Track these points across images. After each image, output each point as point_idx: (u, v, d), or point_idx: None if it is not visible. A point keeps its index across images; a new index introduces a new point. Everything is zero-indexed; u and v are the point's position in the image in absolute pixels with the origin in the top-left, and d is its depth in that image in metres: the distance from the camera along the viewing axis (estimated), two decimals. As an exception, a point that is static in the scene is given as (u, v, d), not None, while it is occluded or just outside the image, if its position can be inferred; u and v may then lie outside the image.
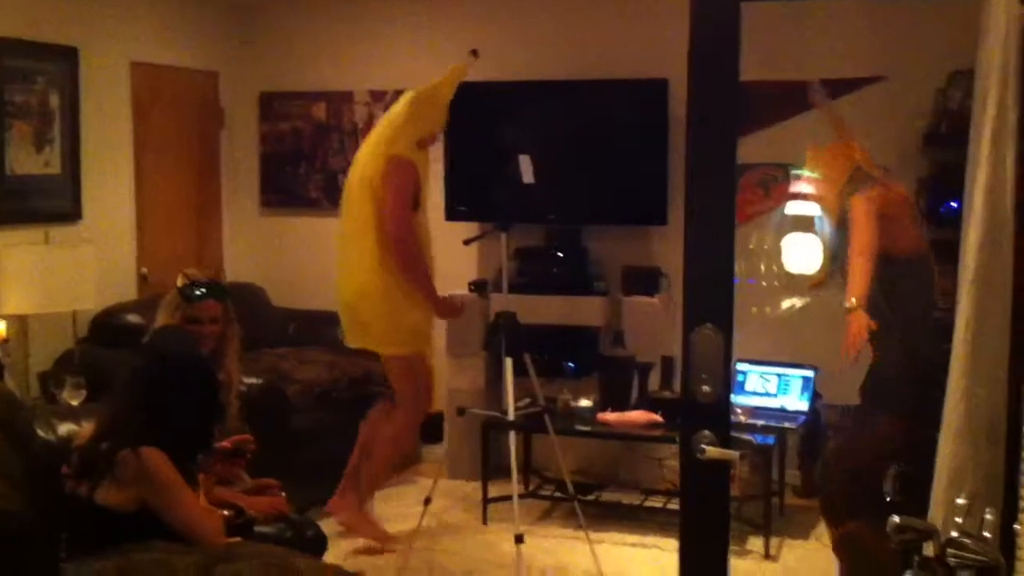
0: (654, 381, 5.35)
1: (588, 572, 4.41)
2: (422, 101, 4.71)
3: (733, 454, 2.46)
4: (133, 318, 5.26)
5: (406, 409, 4.78)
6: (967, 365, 2.59)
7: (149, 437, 2.98)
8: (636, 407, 5.14)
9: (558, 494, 5.21)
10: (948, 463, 2.62)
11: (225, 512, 3.24)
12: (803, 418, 5.07)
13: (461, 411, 4.33)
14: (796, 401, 5.11)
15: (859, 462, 4.16)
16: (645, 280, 5.71)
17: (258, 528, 3.29)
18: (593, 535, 4.46)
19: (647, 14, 5.83)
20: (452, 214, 5.87)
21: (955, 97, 4.96)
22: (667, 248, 5.89)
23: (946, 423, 2.82)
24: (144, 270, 5.79)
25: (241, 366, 3.94)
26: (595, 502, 5.19)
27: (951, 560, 1.78)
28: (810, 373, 5.15)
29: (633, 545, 4.84)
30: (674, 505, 5.15)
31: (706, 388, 2.44)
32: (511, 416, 4.21)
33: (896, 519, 1.83)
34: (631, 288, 5.71)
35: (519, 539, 4.05)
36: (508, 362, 4.26)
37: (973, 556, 1.75)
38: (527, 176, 4.30)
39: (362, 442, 4.93)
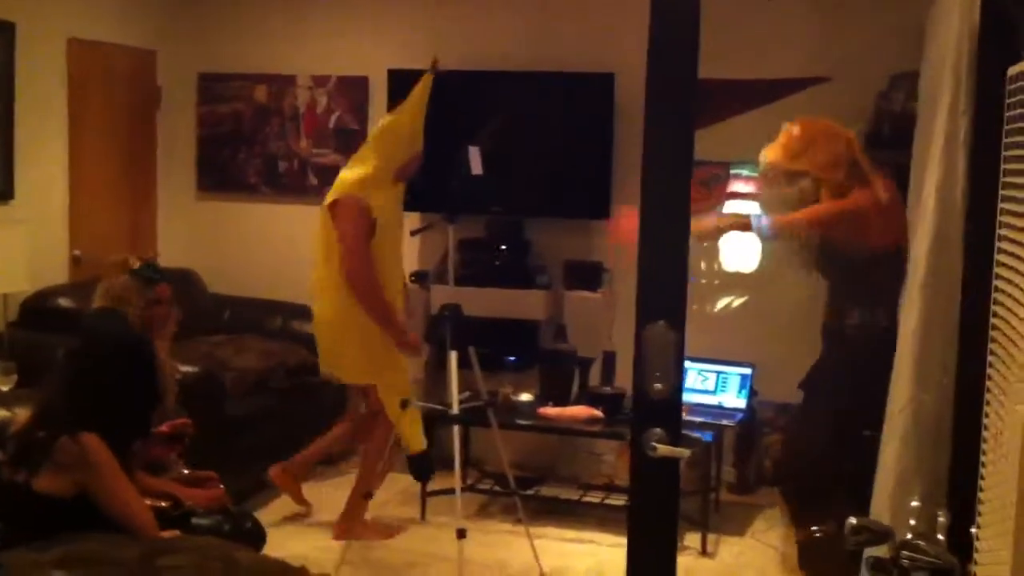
0: (595, 376, 5.36)
1: (528, 567, 4.40)
2: (387, 134, 4.61)
3: (684, 452, 2.45)
4: (65, 301, 5.13)
5: (385, 420, 4.65)
6: (914, 370, 2.63)
7: (87, 422, 2.90)
8: (577, 402, 5.14)
9: (497, 488, 5.18)
10: (894, 466, 2.66)
11: (163, 503, 3.17)
12: (740, 415, 5.11)
13: (404, 403, 4.27)
14: (734, 398, 5.15)
15: (813, 458, 4.21)
16: (587, 274, 5.71)
17: (195, 520, 3.23)
18: (532, 530, 4.44)
19: (595, 7, 5.82)
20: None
21: (897, 99, 5.01)
22: (606, 242, 5.90)
23: (890, 427, 2.86)
24: (77, 252, 5.64)
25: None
26: (534, 497, 5.19)
27: (905, 562, 1.79)
28: (748, 370, 5.19)
29: (572, 540, 4.84)
30: (612, 500, 5.17)
31: (658, 385, 2.43)
32: (455, 410, 4.17)
33: (853, 520, 1.83)
34: (573, 282, 5.70)
35: (461, 534, 4.01)
36: (453, 355, 4.22)
37: (927, 558, 1.76)
38: (476, 168, 4.26)
39: (333, 436, 4.99)
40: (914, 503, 1.87)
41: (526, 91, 5.79)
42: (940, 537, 1.81)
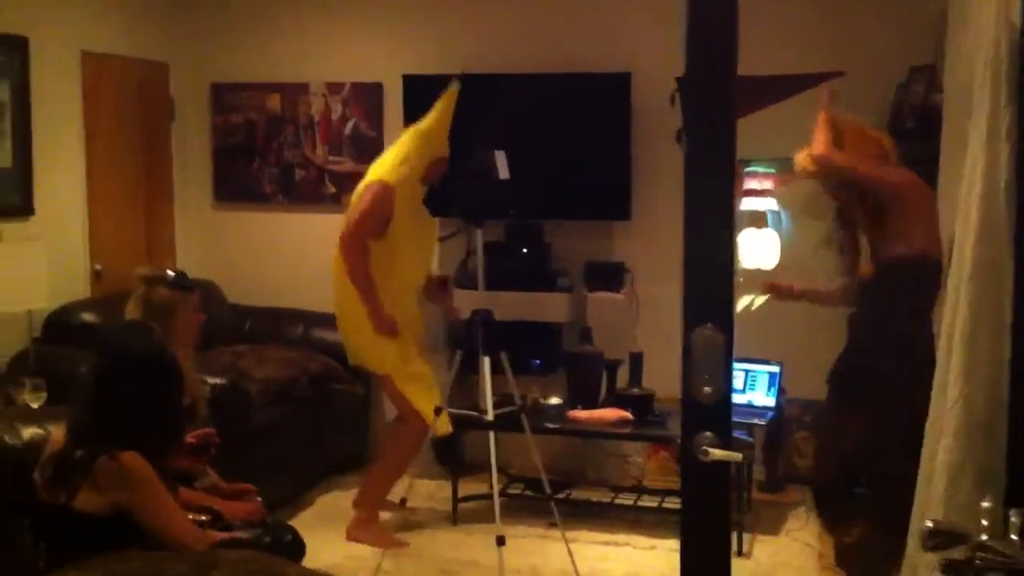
0: (621, 378, 5.33)
1: (562, 571, 4.38)
2: (423, 136, 4.71)
3: (736, 455, 2.43)
4: (89, 316, 5.13)
5: (407, 423, 4.72)
6: (964, 365, 2.59)
7: (123, 439, 2.88)
8: (605, 404, 5.11)
9: (528, 493, 5.15)
10: (946, 461, 2.63)
11: (203, 517, 3.15)
12: (770, 413, 5.08)
13: (439, 410, 4.26)
14: (763, 396, 5.13)
15: (846, 456, 4.19)
16: (608, 276, 5.69)
17: (236, 534, 3.21)
18: (565, 534, 4.42)
19: (611, 7, 5.80)
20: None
21: (917, 91, 4.99)
22: (630, 243, 5.88)
23: (936, 422, 2.83)
24: (98, 266, 5.63)
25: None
26: (564, 500, 5.16)
27: (979, 563, 1.76)
28: (776, 368, 5.17)
29: (605, 544, 4.81)
30: (644, 502, 5.15)
31: (707, 389, 2.40)
32: (490, 416, 4.15)
33: (930, 523, 1.80)
34: (595, 284, 5.68)
35: (501, 541, 3.99)
36: (486, 361, 4.20)
37: (1003, 560, 1.74)
38: (503, 172, 4.24)
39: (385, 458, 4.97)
40: (985, 504, 1.84)
41: (542, 93, 5.76)
42: (1014, 538, 1.78)
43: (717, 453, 2.38)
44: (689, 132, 2.44)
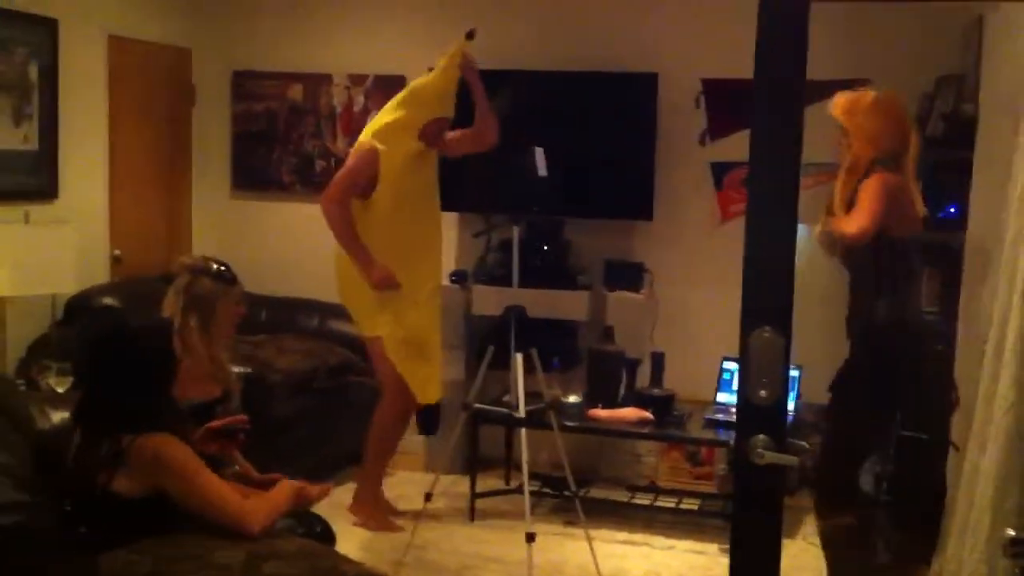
0: (641, 377, 5.33)
1: (583, 569, 4.38)
2: (417, 91, 4.72)
3: (792, 459, 2.43)
4: (110, 300, 5.12)
5: (389, 394, 4.73)
6: (1017, 375, 2.61)
7: (147, 421, 2.85)
8: (625, 403, 5.11)
9: (547, 490, 5.15)
10: (993, 469, 2.65)
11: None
12: (789, 416, 5.07)
13: (467, 407, 4.26)
14: (782, 400, 5.11)
15: (840, 459, 4.19)
16: (629, 275, 5.69)
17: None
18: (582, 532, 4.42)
19: (639, 6, 5.80)
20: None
21: (947, 101, 5.00)
22: (650, 243, 5.88)
23: (980, 431, 2.85)
24: (117, 252, 5.61)
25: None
26: (583, 498, 5.15)
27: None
28: (795, 372, 5.17)
29: (623, 543, 4.82)
30: (661, 502, 5.16)
31: (763, 392, 2.41)
32: (522, 413, 4.15)
33: (1011, 532, 1.81)
34: (614, 283, 5.68)
35: (530, 538, 4.00)
36: (518, 358, 4.20)
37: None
38: (542, 169, 4.24)
39: (375, 434, 4.93)
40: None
41: (568, 91, 5.76)
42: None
43: (772, 456, 2.39)
44: (754, 136, 2.44)
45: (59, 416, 3.46)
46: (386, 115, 4.75)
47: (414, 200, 4.74)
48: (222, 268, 3.55)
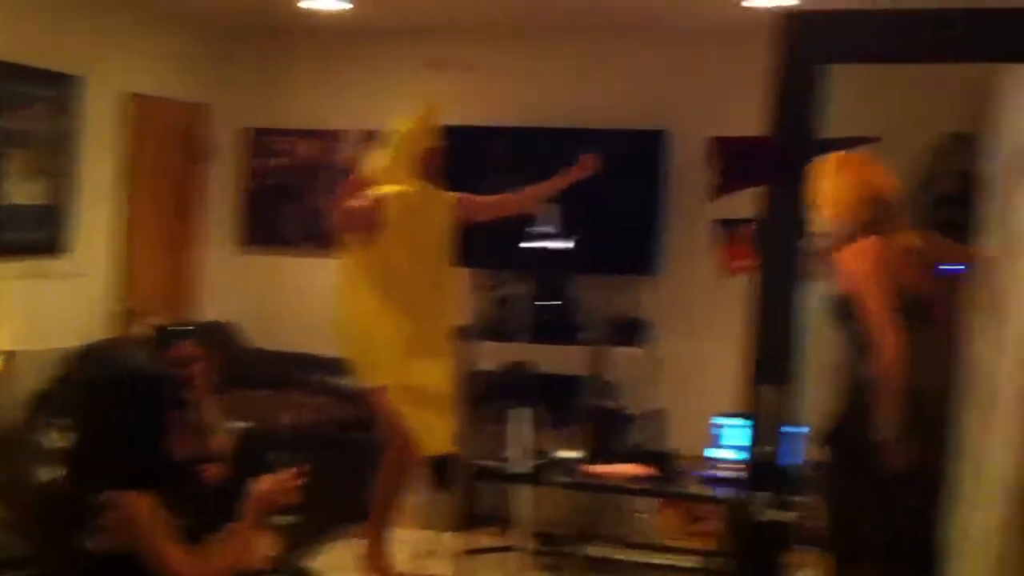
0: (642, 433, 5.32)
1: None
2: (398, 134, 4.72)
3: (792, 515, 2.46)
4: (117, 354, 5.12)
5: (391, 448, 4.66)
6: (1019, 439, 2.61)
7: (120, 475, 2.84)
8: (626, 460, 5.09)
9: (545, 547, 5.11)
10: (998, 528, 2.64)
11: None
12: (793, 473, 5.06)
13: (465, 462, 4.25)
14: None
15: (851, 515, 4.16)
16: (632, 330, 5.71)
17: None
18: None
19: (646, 65, 5.89)
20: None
21: (959, 158, 5.04)
22: (653, 298, 5.91)
23: (988, 488, 2.85)
24: (129, 306, 5.65)
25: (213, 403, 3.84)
26: (582, 556, 5.13)
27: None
28: (803, 429, 5.16)
29: (621, 600, 4.80)
30: (660, 559, 5.14)
31: (769, 448, 2.44)
32: (522, 469, 4.14)
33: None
34: (617, 338, 5.70)
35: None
36: (519, 413, 4.20)
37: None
38: (554, 224, 4.27)
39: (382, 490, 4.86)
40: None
41: (575, 148, 5.79)
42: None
43: (773, 513, 2.41)
44: (765, 195, 2.49)
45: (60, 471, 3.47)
46: (379, 162, 4.69)
47: (424, 243, 4.64)
48: (167, 328, 3.57)
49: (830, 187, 3.75)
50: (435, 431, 4.57)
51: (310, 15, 5.78)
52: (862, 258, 3.69)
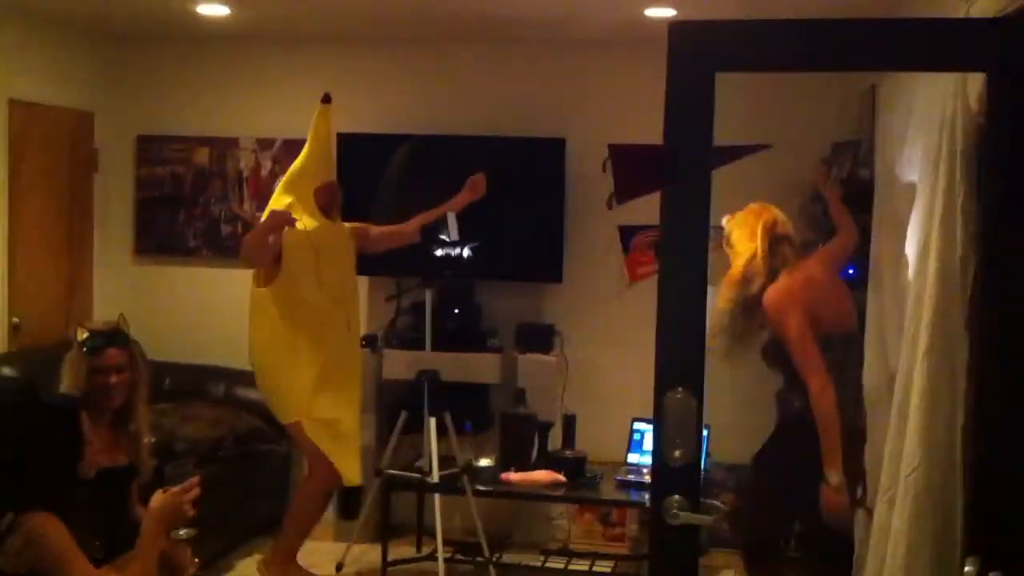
0: (553, 439, 5.33)
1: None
2: (295, 171, 4.76)
3: (705, 518, 2.47)
4: (8, 371, 4.95)
5: (315, 472, 4.65)
6: (921, 437, 2.68)
7: (24, 497, 2.79)
8: (538, 466, 5.10)
9: (460, 556, 5.09)
10: (906, 529, 2.70)
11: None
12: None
13: (379, 472, 4.20)
14: (692, 460, 5.16)
15: (768, 521, 4.23)
16: (540, 337, 5.72)
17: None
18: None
19: (549, 74, 5.91)
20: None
21: (844, 166, 5.17)
22: (560, 306, 5.93)
23: (889, 489, 2.91)
24: (16, 320, 5.45)
25: (148, 413, 3.74)
26: (496, 563, 5.12)
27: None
28: (704, 432, 5.22)
29: (537, 607, 4.80)
30: (574, 566, 5.14)
31: (677, 452, 2.45)
32: (435, 478, 4.11)
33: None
34: (525, 345, 5.70)
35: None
36: (432, 421, 4.18)
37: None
38: (453, 233, 4.26)
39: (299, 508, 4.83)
40: (968, 568, 1.90)
41: (478, 155, 5.80)
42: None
43: (686, 516, 2.42)
44: (665, 201, 2.50)
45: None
46: (275, 203, 4.72)
47: (330, 277, 4.67)
48: (94, 334, 3.45)
49: (741, 237, 4.04)
50: (350, 461, 4.57)
51: (195, 22, 5.65)
52: (782, 300, 3.89)
